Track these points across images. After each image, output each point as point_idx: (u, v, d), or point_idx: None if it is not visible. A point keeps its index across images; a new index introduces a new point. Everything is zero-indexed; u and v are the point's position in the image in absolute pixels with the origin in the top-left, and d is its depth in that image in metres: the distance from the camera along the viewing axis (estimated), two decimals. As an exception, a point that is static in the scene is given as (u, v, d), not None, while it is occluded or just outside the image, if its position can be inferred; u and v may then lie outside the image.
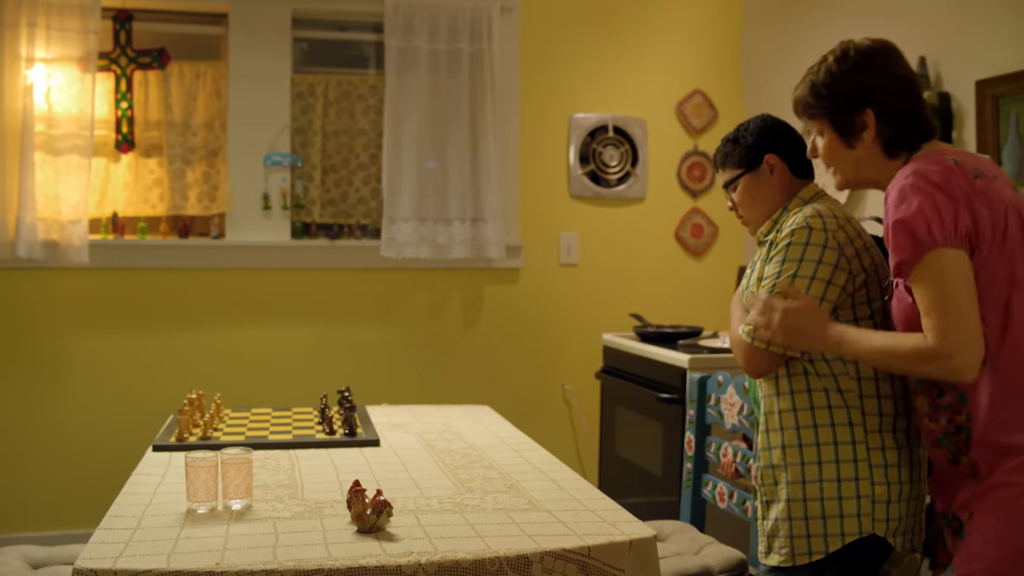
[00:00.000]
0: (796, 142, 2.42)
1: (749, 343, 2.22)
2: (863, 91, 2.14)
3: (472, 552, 1.89)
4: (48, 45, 4.24)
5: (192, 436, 2.96)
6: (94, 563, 1.81)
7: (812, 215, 2.23)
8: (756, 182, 2.42)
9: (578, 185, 4.85)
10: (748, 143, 2.44)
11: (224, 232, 4.53)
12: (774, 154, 2.41)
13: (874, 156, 2.16)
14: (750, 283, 2.37)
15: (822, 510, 2.15)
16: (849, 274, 2.18)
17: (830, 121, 2.19)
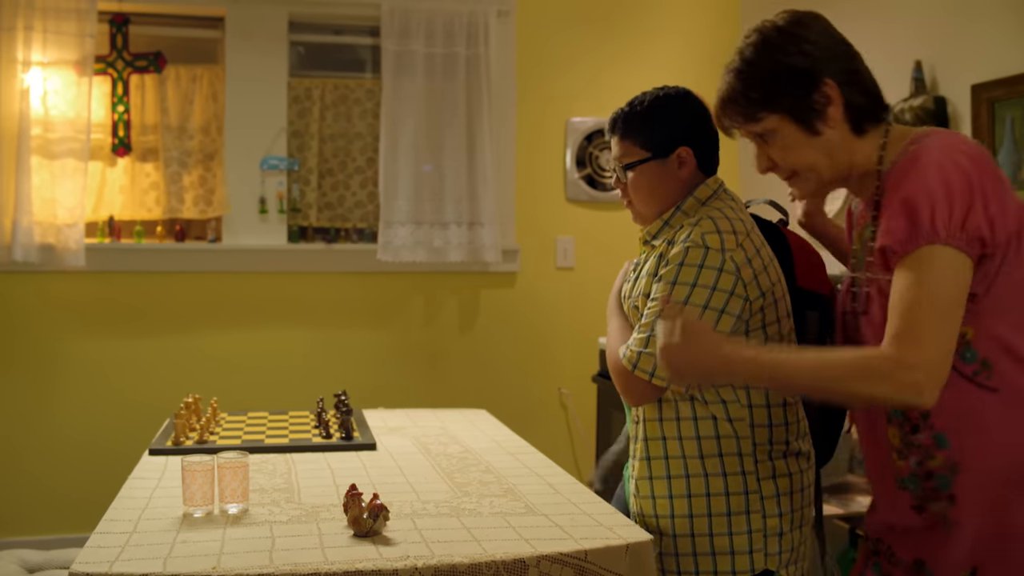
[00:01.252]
0: (711, 133, 2.17)
1: (630, 370, 2.04)
2: (814, 60, 1.80)
3: (468, 556, 1.89)
4: (44, 49, 4.24)
5: (188, 440, 2.96)
6: (90, 567, 1.81)
7: (709, 231, 2.00)
8: (660, 172, 2.15)
9: (574, 189, 4.86)
10: (662, 125, 2.15)
11: (221, 236, 4.53)
12: (688, 147, 2.14)
13: (844, 138, 1.81)
14: (634, 293, 2.16)
15: (711, 546, 2.03)
16: (745, 300, 1.98)
17: (785, 109, 1.82)
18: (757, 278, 2.01)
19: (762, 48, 1.83)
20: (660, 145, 2.14)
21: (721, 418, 2.03)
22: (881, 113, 1.82)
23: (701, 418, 2.04)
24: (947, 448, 1.71)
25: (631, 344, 2.06)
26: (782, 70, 1.80)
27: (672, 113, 2.17)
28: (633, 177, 2.17)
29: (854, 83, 1.80)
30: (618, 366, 2.08)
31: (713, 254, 1.98)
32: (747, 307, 2.00)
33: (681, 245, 2.01)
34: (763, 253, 2.05)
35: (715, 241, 1.99)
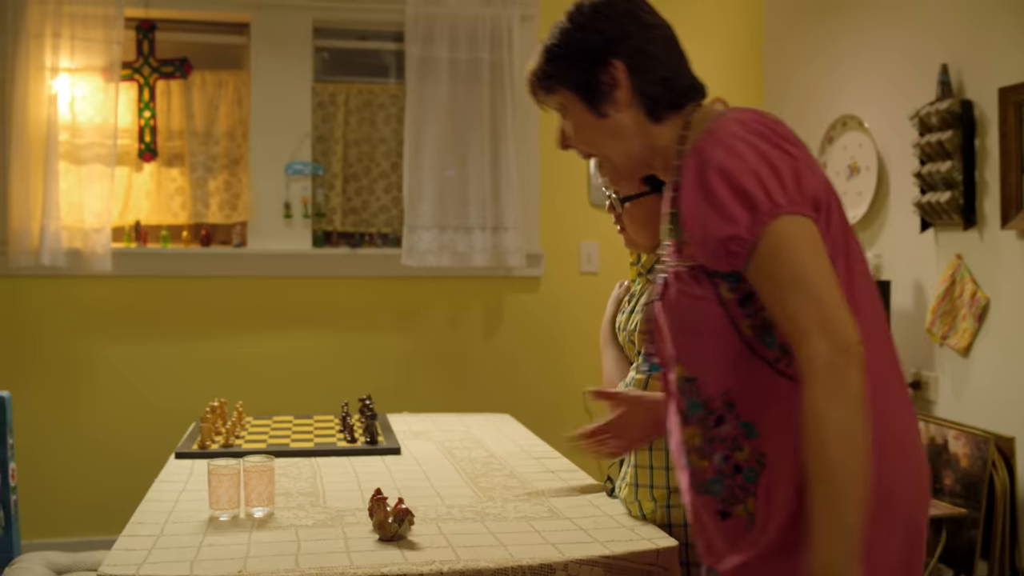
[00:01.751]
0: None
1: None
2: (606, 39, 1.75)
3: (494, 560, 1.89)
4: (72, 55, 4.28)
5: (214, 444, 2.97)
6: (118, 569, 1.82)
7: None
8: (657, 207, 2.04)
9: (598, 194, 4.85)
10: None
11: (245, 240, 4.56)
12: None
13: (637, 123, 1.71)
14: (628, 326, 2.22)
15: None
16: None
17: (572, 86, 1.76)
18: None
19: (565, 23, 1.81)
20: (658, 180, 2.05)
21: None
22: (682, 100, 1.74)
23: None
24: (755, 437, 1.55)
25: (629, 383, 2.17)
26: (574, 45, 1.77)
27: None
28: (630, 208, 2.19)
29: (649, 69, 1.73)
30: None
31: None
32: None
33: None
34: None
35: None
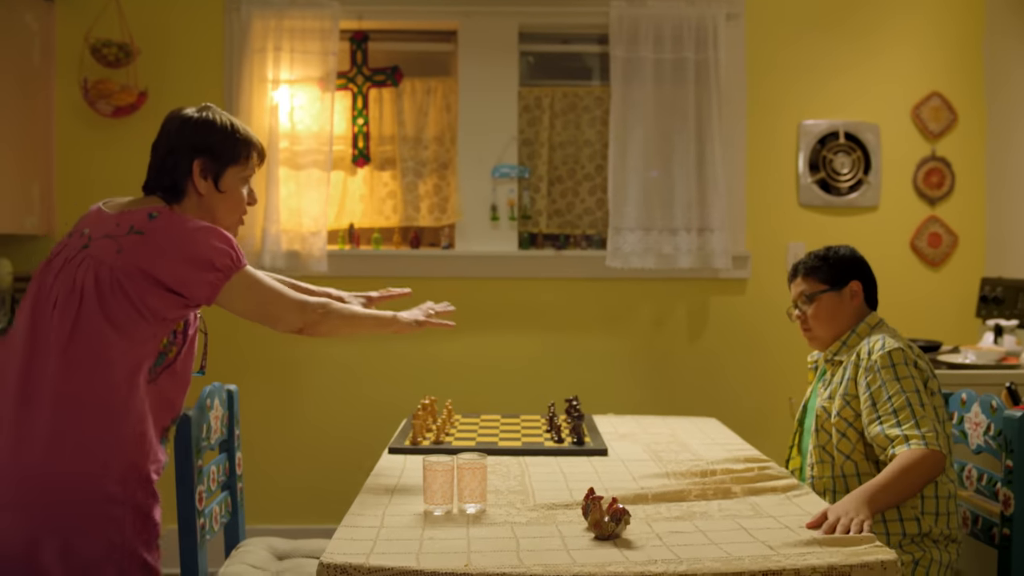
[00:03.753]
0: (873, 277, 2.87)
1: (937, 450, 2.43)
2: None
3: (718, 559, 1.87)
4: (292, 67, 4.48)
5: (425, 440, 3.04)
6: (343, 558, 1.88)
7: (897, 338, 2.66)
8: (836, 302, 2.81)
9: (807, 193, 4.72)
10: (838, 264, 2.82)
11: (453, 242, 4.66)
12: (859, 281, 2.81)
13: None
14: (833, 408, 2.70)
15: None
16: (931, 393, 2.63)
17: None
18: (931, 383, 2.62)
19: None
20: (835, 278, 2.82)
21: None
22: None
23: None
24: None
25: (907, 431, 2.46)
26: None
27: (844, 257, 2.85)
28: (815, 307, 2.83)
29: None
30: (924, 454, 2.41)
31: (909, 353, 2.60)
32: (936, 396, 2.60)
33: (882, 354, 2.60)
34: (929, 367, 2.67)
35: (908, 355, 2.60)
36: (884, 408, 2.54)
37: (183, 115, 2.41)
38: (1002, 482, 2.48)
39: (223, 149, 2.38)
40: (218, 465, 2.76)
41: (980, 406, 2.70)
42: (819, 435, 2.75)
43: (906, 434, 2.46)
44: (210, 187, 2.38)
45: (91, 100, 4.34)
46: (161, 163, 2.38)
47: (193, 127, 2.39)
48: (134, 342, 2.20)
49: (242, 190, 2.45)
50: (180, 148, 2.36)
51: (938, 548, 2.49)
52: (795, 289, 2.91)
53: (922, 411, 2.49)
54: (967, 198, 4.77)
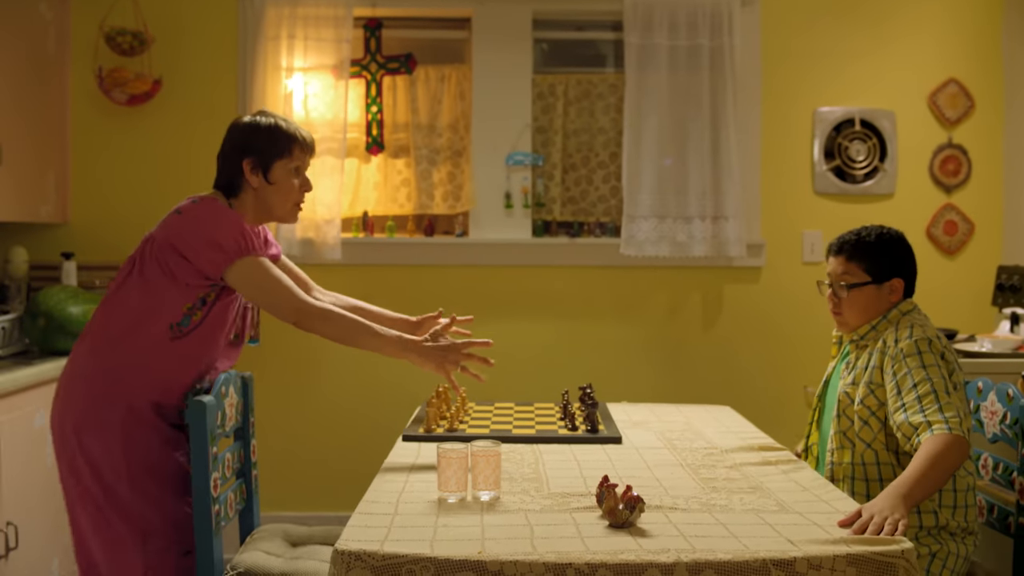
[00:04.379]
0: (915, 268, 2.79)
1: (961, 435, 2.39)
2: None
3: (731, 552, 1.86)
4: (305, 55, 4.48)
5: (439, 427, 3.05)
6: (358, 545, 1.89)
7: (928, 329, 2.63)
8: (876, 295, 2.73)
9: (822, 181, 4.70)
10: (886, 256, 2.73)
11: (467, 230, 4.66)
12: (901, 279, 2.75)
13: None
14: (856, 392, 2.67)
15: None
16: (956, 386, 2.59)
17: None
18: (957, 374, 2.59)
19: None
20: (879, 273, 2.73)
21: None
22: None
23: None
24: None
25: (930, 417, 2.42)
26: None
27: (894, 249, 2.75)
28: (851, 295, 2.74)
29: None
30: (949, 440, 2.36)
31: (936, 343, 2.57)
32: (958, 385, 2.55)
33: (909, 341, 2.57)
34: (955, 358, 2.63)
35: (936, 345, 2.58)
36: (909, 396, 2.50)
37: (236, 121, 2.81)
38: (1018, 471, 2.47)
39: (268, 146, 2.73)
40: (233, 452, 2.77)
41: (996, 395, 2.69)
42: (840, 420, 2.72)
43: (929, 420, 2.42)
44: (261, 181, 2.74)
45: (106, 88, 4.35)
46: (220, 165, 2.78)
47: (240, 131, 2.77)
48: (160, 300, 2.62)
49: (292, 180, 2.77)
50: (232, 151, 2.75)
51: (955, 540, 2.48)
52: (835, 266, 2.79)
53: (947, 398, 2.45)
54: (984, 186, 4.74)
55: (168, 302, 2.63)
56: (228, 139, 2.78)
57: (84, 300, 3.84)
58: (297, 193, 2.80)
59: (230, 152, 2.76)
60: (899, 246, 2.76)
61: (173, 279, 2.62)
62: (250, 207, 2.76)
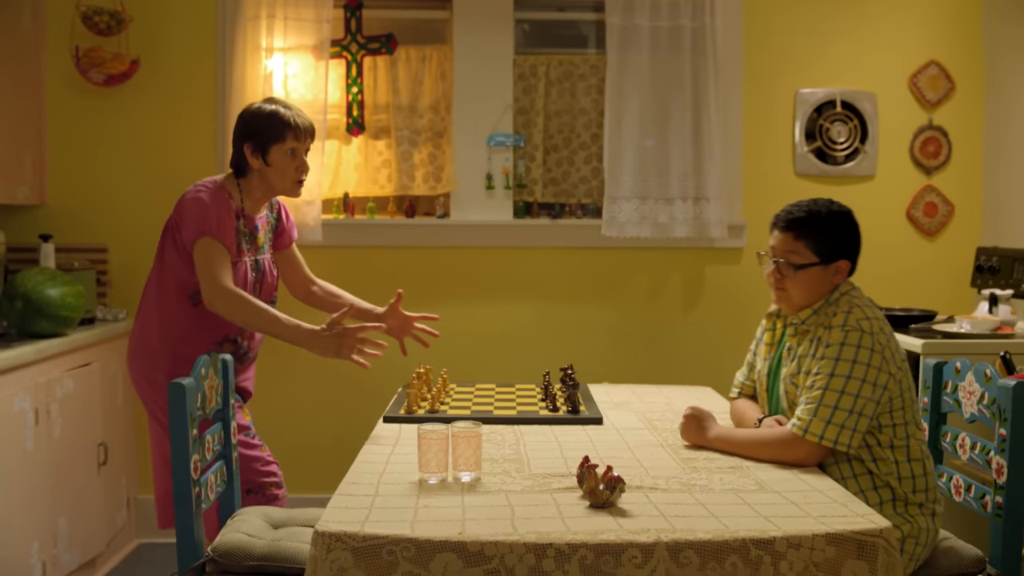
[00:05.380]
0: (860, 246, 2.67)
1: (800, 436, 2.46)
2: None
3: (711, 531, 1.87)
4: (285, 35, 4.44)
5: (420, 409, 3.05)
6: (338, 526, 1.89)
7: (861, 318, 2.52)
8: (821, 276, 2.61)
9: (804, 163, 4.71)
10: (833, 236, 2.61)
11: (448, 211, 4.64)
12: (848, 261, 2.63)
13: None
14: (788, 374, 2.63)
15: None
16: (889, 375, 2.50)
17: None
18: (894, 355, 2.51)
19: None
20: (829, 254, 2.61)
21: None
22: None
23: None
24: None
25: (800, 413, 2.48)
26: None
27: (844, 228, 2.64)
28: (797, 276, 2.61)
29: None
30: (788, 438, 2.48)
31: (867, 337, 2.47)
32: (890, 378, 2.48)
33: (840, 330, 2.50)
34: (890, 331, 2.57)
35: (868, 326, 2.49)
36: (808, 384, 2.53)
37: (243, 110, 3.17)
38: (995, 450, 2.48)
39: (265, 132, 3.09)
40: (213, 435, 2.76)
41: (974, 375, 2.70)
42: (791, 413, 2.67)
43: (798, 415, 2.48)
44: (261, 163, 3.12)
45: (83, 69, 4.31)
46: (233, 148, 3.16)
47: (243, 118, 3.14)
48: (175, 271, 3.11)
49: (289, 162, 3.13)
50: (237, 136, 3.14)
51: (924, 516, 2.49)
52: (781, 242, 2.65)
53: (832, 402, 2.44)
54: (964, 168, 4.76)
55: (180, 273, 3.09)
56: (236, 125, 3.15)
57: (62, 282, 3.82)
58: (292, 173, 3.16)
59: (236, 137, 3.14)
60: (849, 225, 2.65)
61: (180, 254, 3.08)
62: (256, 185, 3.17)
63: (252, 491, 3.17)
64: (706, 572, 1.83)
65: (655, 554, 1.82)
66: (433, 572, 1.82)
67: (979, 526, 2.82)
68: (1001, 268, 4.28)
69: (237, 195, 3.17)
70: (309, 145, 3.22)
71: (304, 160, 3.20)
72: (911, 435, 2.52)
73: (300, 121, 3.15)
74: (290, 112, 3.14)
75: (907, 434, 2.52)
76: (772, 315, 2.84)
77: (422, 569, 1.82)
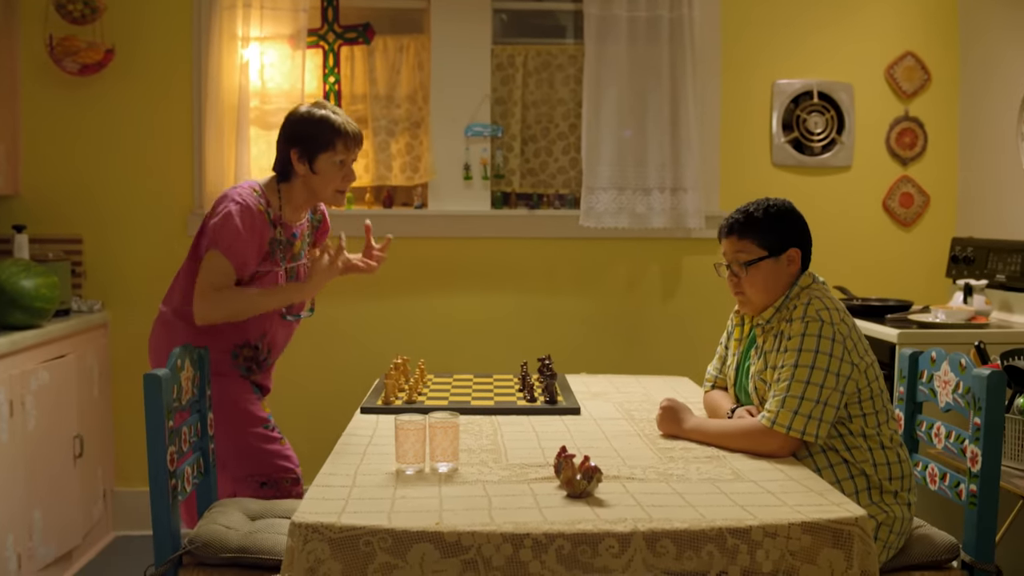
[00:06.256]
0: (810, 236, 2.69)
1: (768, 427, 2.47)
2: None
3: (687, 521, 1.88)
4: (262, 24, 4.41)
5: (397, 400, 3.05)
6: (314, 517, 1.88)
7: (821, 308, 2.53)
8: (774, 269, 2.64)
9: (781, 153, 4.72)
10: (776, 228, 2.64)
11: (426, 202, 4.64)
12: (798, 249, 2.65)
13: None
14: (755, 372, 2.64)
15: None
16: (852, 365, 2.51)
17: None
18: (856, 346, 2.53)
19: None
20: (775, 246, 2.64)
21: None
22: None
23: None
24: None
25: (770, 405, 2.49)
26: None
27: (783, 220, 2.67)
28: (750, 272, 2.65)
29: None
30: (759, 429, 2.49)
31: (827, 327, 2.49)
32: (853, 368, 2.49)
33: (800, 322, 2.51)
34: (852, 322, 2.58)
35: (827, 316, 2.51)
36: (774, 377, 2.55)
37: (292, 111, 3.07)
38: (970, 439, 2.50)
39: (314, 139, 2.99)
40: (190, 426, 2.75)
41: (949, 364, 2.72)
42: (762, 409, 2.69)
43: (768, 407, 2.50)
44: (306, 169, 3.03)
45: (57, 58, 4.27)
46: (278, 151, 3.06)
47: (292, 121, 3.04)
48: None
49: (336, 171, 3.04)
50: (283, 139, 3.04)
51: (899, 504, 2.51)
52: (728, 247, 2.72)
53: (799, 393, 2.45)
54: (939, 158, 4.79)
55: None
56: (283, 128, 3.05)
57: (36, 273, 3.79)
58: (337, 182, 3.07)
59: (282, 141, 3.05)
60: (788, 216, 2.67)
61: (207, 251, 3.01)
62: (299, 190, 3.07)
63: (267, 484, 3.10)
64: (683, 561, 1.84)
65: (632, 543, 1.83)
66: (410, 563, 1.82)
67: (953, 514, 2.84)
68: (976, 258, 4.31)
69: (276, 202, 3.07)
70: (356, 155, 3.12)
71: (352, 170, 3.10)
72: (882, 423, 2.54)
73: (351, 129, 3.04)
74: (340, 119, 3.03)
75: (878, 422, 2.53)
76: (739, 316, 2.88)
77: (399, 560, 1.82)
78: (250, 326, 3.08)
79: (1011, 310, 4.13)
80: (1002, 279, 4.13)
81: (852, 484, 2.49)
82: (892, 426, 2.59)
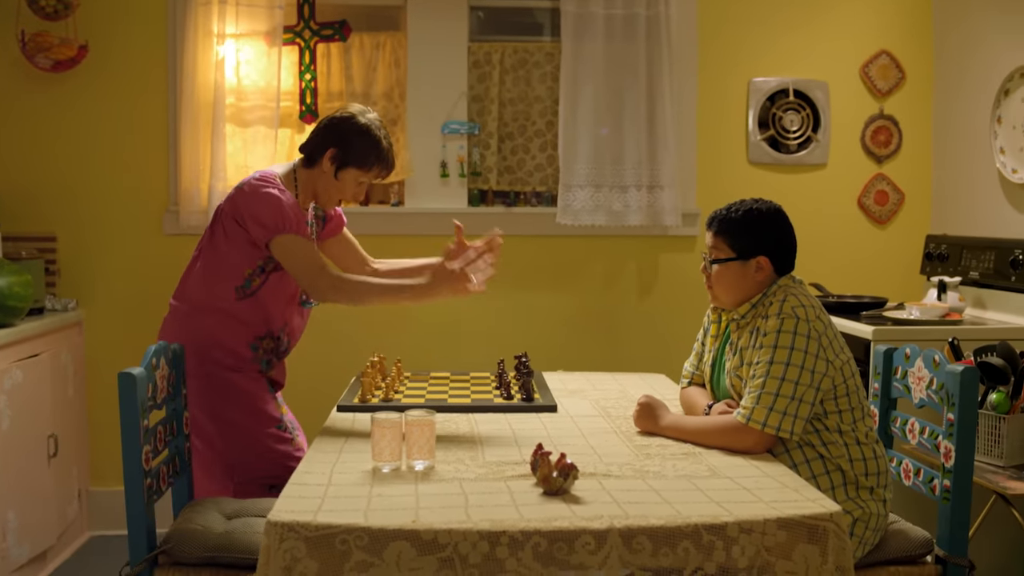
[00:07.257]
0: (790, 244, 2.66)
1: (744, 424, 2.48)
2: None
3: (663, 517, 1.88)
4: (237, 21, 4.39)
5: (374, 398, 3.04)
6: (291, 516, 1.88)
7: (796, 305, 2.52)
8: (741, 272, 2.64)
9: (757, 151, 4.74)
10: (754, 232, 2.63)
11: (403, 199, 4.63)
12: (766, 257, 2.63)
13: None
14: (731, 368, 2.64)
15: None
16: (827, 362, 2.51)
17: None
18: (832, 343, 2.53)
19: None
20: (745, 250, 2.63)
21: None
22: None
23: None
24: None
25: (745, 402, 2.50)
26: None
27: (760, 226, 2.64)
28: (718, 270, 2.67)
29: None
30: (734, 425, 2.50)
31: (802, 324, 2.49)
32: (828, 365, 2.49)
33: (776, 319, 2.51)
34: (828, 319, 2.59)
35: (802, 313, 2.51)
36: (750, 373, 2.55)
37: (352, 114, 3.01)
38: (943, 435, 2.52)
39: (356, 151, 2.98)
40: (165, 425, 2.73)
41: (923, 361, 2.74)
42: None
43: (743, 404, 2.51)
44: (331, 171, 3.00)
45: (29, 54, 4.24)
46: (315, 132, 3.04)
47: (347, 126, 2.99)
48: (225, 264, 2.97)
49: (353, 187, 3.04)
50: (330, 132, 2.99)
51: (875, 501, 2.53)
52: (708, 240, 2.73)
53: (773, 389, 2.46)
54: (914, 156, 4.82)
55: (231, 266, 2.96)
56: (333, 122, 3.00)
57: (9, 271, 3.76)
58: (346, 197, 3.07)
59: (325, 134, 3.01)
60: (767, 223, 2.65)
61: (233, 245, 2.94)
62: (310, 182, 3.05)
63: (275, 487, 2.88)
64: (659, 558, 1.85)
65: (608, 540, 1.83)
66: (386, 561, 1.82)
67: (927, 509, 2.86)
68: (950, 255, 4.34)
69: (292, 190, 3.03)
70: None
71: (362, 191, 3.11)
72: (858, 419, 2.55)
73: (390, 160, 3.06)
74: (386, 145, 3.03)
75: (854, 419, 2.55)
76: (717, 307, 2.85)
77: (375, 558, 1.82)
78: (274, 316, 3.06)
79: (984, 307, 4.16)
80: (975, 276, 4.16)
81: (828, 480, 2.50)
82: (868, 423, 2.60)
